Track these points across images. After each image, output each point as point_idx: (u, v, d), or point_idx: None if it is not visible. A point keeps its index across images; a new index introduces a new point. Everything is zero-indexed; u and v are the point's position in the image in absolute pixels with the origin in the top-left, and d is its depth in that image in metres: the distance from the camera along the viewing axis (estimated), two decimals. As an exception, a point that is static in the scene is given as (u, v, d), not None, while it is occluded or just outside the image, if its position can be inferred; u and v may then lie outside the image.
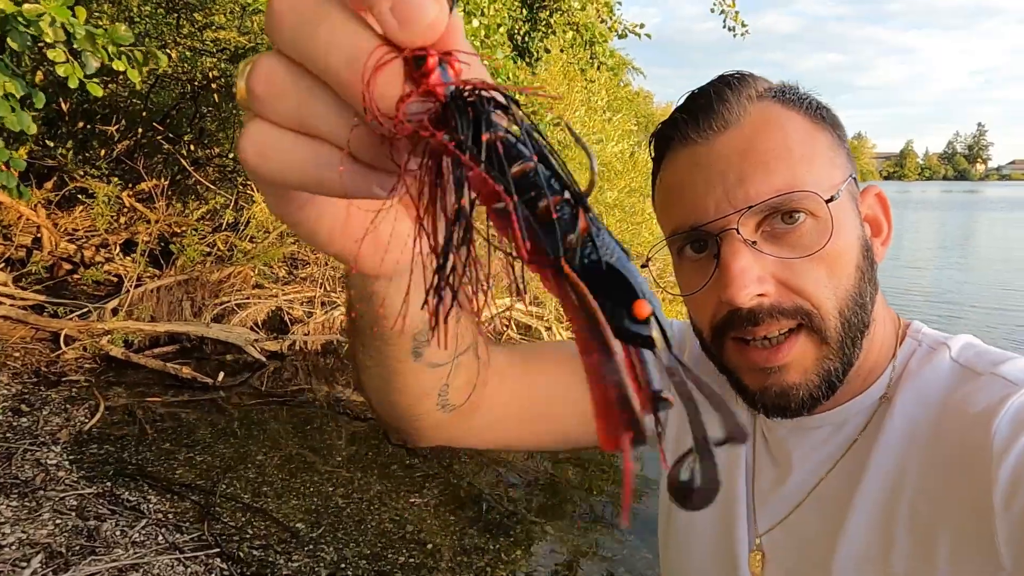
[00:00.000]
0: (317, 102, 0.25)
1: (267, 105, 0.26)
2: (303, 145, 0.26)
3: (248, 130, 0.26)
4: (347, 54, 0.24)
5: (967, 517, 0.56)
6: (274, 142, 0.26)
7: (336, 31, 0.24)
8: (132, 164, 7.04)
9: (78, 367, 5.20)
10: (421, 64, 0.23)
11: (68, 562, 2.59)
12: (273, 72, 0.25)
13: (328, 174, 0.26)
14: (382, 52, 0.23)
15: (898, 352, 0.69)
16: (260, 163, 0.26)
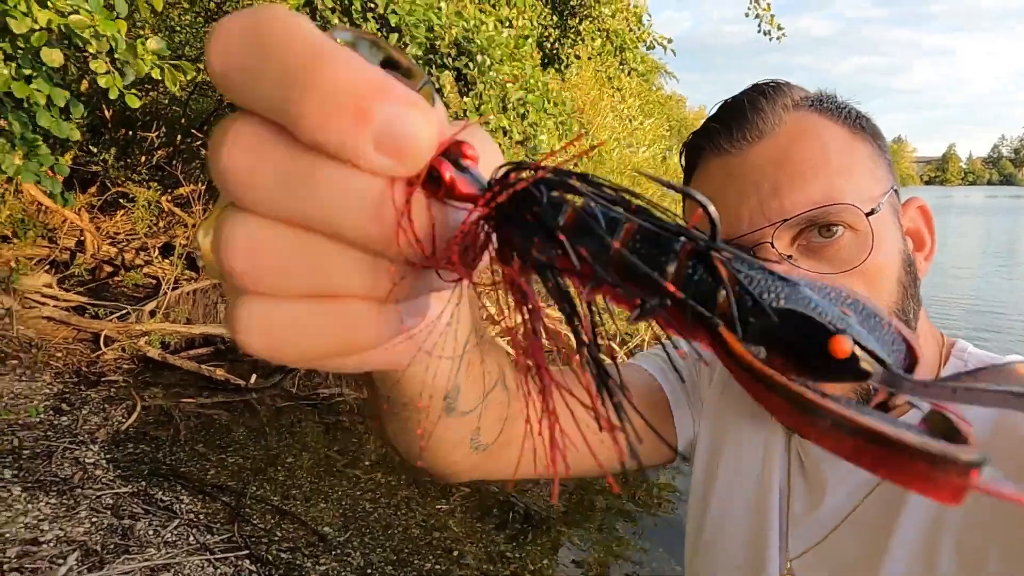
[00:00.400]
0: (335, 263, 0.21)
1: (262, 282, 0.21)
2: (323, 312, 0.22)
3: (242, 314, 0.21)
4: (360, 202, 0.20)
5: (1018, 538, 0.53)
6: (284, 321, 0.21)
7: (341, 183, 0.20)
8: (171, 170, 7.22)
9: (117, 367, 5.33)
10: (438, 181, 0.20)
11: (103, 560, 2.65)
12: (257, 242, 0.21)
13: (363, 331, 0.22)
14: (401, 189, 0.20)
15: (942, 372, 0.66)
16: (277, 350, 0.22)
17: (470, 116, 3.81)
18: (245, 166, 0.20)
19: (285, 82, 0.19)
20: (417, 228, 0.20)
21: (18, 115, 2.81)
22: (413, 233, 0.20)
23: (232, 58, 0.20)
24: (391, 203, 0.20)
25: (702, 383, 0.84)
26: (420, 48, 3.72)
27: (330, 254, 0.21)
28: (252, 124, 0.20)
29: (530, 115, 4.22)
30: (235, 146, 0.20)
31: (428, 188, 0.20)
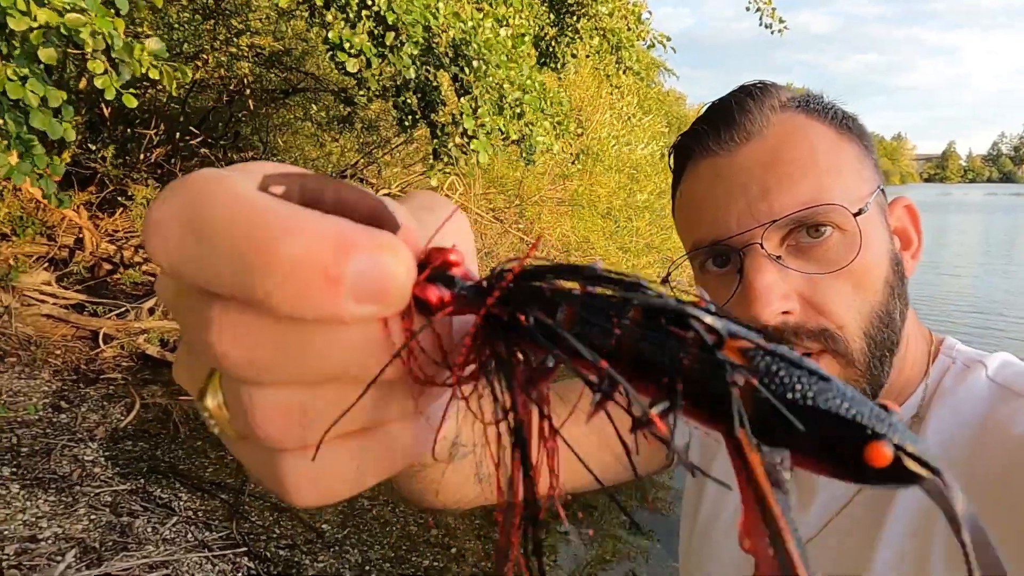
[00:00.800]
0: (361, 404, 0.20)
1: (300, 440, 0.20)
2: (363, 447, 0.22)
3: (289, 475, 0.21)
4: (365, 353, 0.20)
5: (1010, 540, 0.53)
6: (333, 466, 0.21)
7: (334, 344, 0.19)
8: (170, 167, 7.22)
9: (116, 365, 5.34)
10: (425, 306, 0.19)
11: (101, 557, 2.65)
12: (283, 406, 0.20)
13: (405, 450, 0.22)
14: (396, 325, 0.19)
15: (931, 370, 0.66)
16: (331, 496, 0.22)
17: (466, 117, 3.79)
18: (239, 352, 0.19)
19: (240, 268, 0.18)
20: (424, 353, 0.20)
21: (13, 115, 2.81)
22: (422, 358, 0.19)
23: (175, 252, 0.19)
24: (390, 340, 0.19)
25: None
26: (417, 48, 3.71)
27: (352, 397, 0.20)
28: (229, 309, 0.19)
29: (527, 115, 4.21)
30: (222, 335, 0.19)
31: (423, 311, 0.19)
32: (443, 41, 3.86)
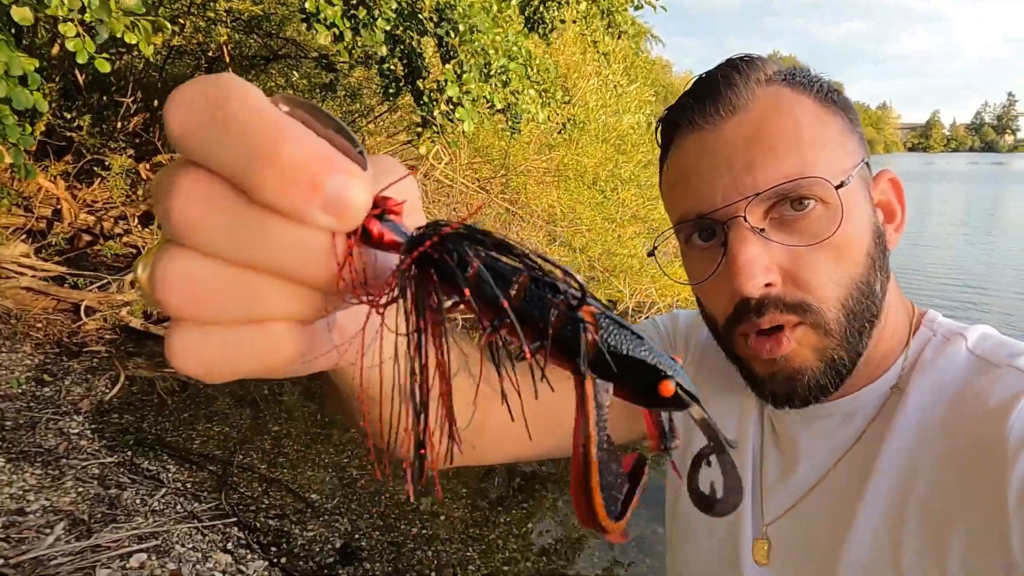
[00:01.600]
0: (268, 294, 0.23)
1: (197, 312, 0.23)
2: (251, 336, 0.24)
3: (178, 342, 0.24)
4: (306, 254, 0.23)
5: (982, 513, 0.55)
6: (218, 347, 0.24)
7: (288, 236, 0.23)
8: (148, 137, 7.07)
9: (99, 338, 5.29)
10: (368, 236, 0.24)
11: (90, 529, 2.66)
12: (199, 277, 0.23)
13: (284, 351, 0.25)
14: (342, 241, 0.23)
15: (911, 341, 0.67)
16: (209, 372, 0.24)
17: (451, 84, 3.74)
18: (196, 215, 0.22)
19: (246, 154, 0.22)
20: (353, 271, 0.24)
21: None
22: (351, 275, 0.23)
23: (192, 127, 0.22)
24: (333, 252, 0.23)
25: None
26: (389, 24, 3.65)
27: (264, 288, 0.23)
28: (205, 178, 0.22)
29: (512, 82, 4.16)
30: (188, 196, 0.22)
31: (362, 239, 0.24)
32: (427, 5, 3.78)
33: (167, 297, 0.23)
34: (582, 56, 7.06)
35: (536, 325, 0.23)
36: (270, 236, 0.23)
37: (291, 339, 0.25)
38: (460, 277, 0.23)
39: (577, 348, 0.23)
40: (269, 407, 4.47)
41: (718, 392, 0.80)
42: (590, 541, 3.24)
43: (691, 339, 0.86)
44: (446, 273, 0.23)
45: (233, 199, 0.22)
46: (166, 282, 0.23)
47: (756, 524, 0.73)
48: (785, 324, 0.61)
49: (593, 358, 0.23)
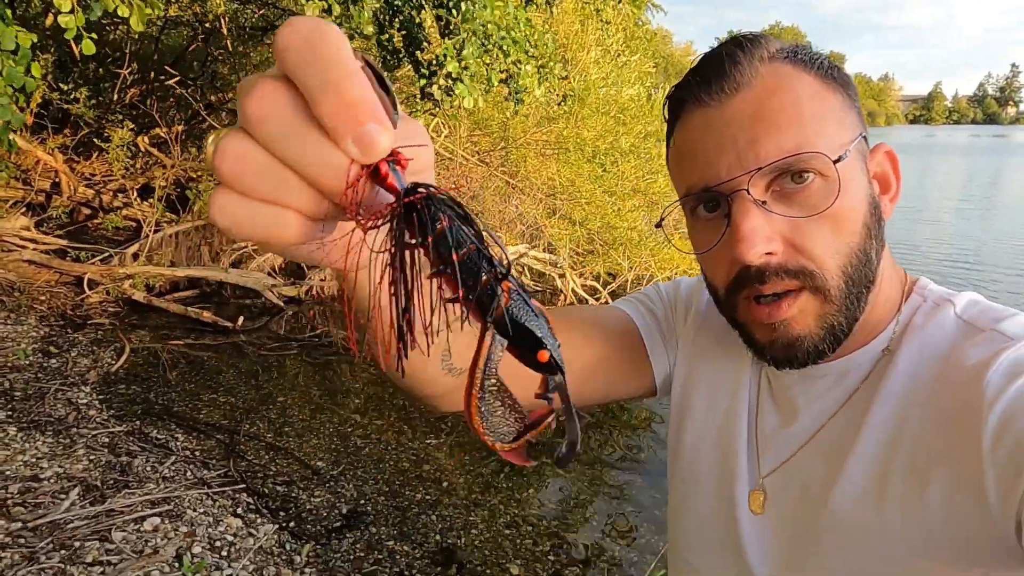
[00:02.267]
0: (292, 187, 0.31)
1: (240, 182, 0.31)
2: (271, 213, 0.32)
3: (219, 200, 0.32)
4: (329, 168, 0.30)
5: (959, 463, 0.59)
6: (246, 212, 0.32)
7: (321, 151, 0.30)
8: (146, 108, 7.02)
9: (102, 310, 5.34)
10: (377, 173, 0.31)
11: (104, 495, 2.73)
12: (247, 156, 0.31)
13: (289, 234, 0.32)
14: (356, 168, 0.31)
15: (903, 307, 0.71)
16: (231, 227, 0.32)
17: (450, 60, 3.72)
18: (263, 112, 0.30)
19: (323, 79, 0.30)
20: (356, 194, 0.31)
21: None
22: (353, 196, 0.31)
23: (294, 46, 0.30)
24: (346, 174, 0.30)
25: (677, 323, 0.90)
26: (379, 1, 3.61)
27: (290, 181, 0.31)
28: (282, 89, 0.31)
29: (511, 54, 4.14)
30: (264, 97, 0.30)
31: (371, 174, 0.31)
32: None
33: (221, 164, 0.30)
34: (582, 26, 6.99)
35: (467, 283, 0.31)
36: (309, 145, 0.30)
37: (297, 226, 0.32)
38: (429, 228, 0.30)
39: (489, 308, 0.31)
40: (272, 378, 4.53)
41: (718, 354, 0.84)
42: (589, 505, 3.32)
43: (691, 305, 0.89)
44: (421, 221, 0.30)
45: (294, 110, 0.30)
46: (224, 154, 0.31)
47: (753, 476, 0.77)
48: (789, 289, 0.64)
49: (498, 319, 0.31)
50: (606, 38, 7.42)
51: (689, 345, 0.87)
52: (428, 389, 0.64)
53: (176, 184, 6.83)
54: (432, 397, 0.66)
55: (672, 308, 0.91)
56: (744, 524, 0.77)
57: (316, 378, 4.65)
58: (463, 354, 0.61)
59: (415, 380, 0.62)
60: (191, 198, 6.45)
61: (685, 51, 38.62)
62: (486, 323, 0.32)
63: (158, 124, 6.94)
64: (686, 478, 0.86)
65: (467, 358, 0.62)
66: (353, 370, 4.81)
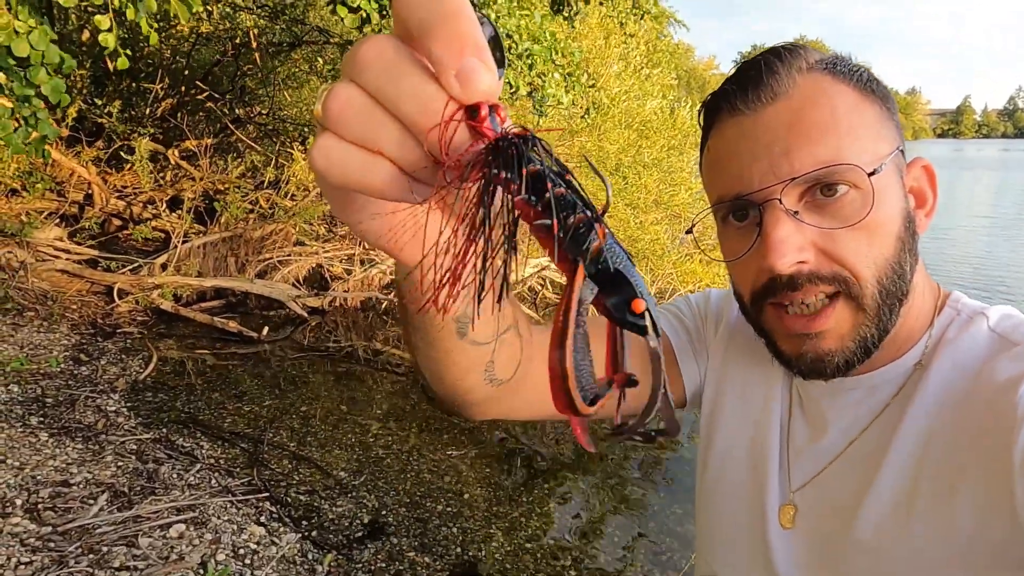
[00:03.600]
0: (387, 130, 0.31)
1: (341, 124, 0.31)
2: (365, 158, 0.32)
3: (320, 142, 0.32)
4: (424, 105, 0.30)
5: (989, 476, 0.58)
6: (341, 154, 0.32)
7: (417, 86, 0.30)
8: (176, 122, 7.19)
9: (131, 319, 5.43)
10: (475, 114, 0.29)
11: (131, 501, 2.77)
12: (351, 100, 0.31)
13: (380, 181, 0.32)
14: (452, 107, 0.29)
15: (936, 321, 0.70)
16: (327, 168, 0.32)
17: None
18: (369, 58, 0.31)
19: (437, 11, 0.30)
20: (449, 133, 0.29)
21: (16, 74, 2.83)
22: (446, 133, 0.29)
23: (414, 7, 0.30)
24: (441, 110, 0.29)
25: (708, 334, 0.89)
26: None
27: (386, 122, 0.31)
28: (389, 38, 0.31)
29: (537, 65, 4.17)
30: (372, 46, 0.31)
31: (469, 116, 0.29)
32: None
33: (328, 108, 0.31)
34: (606, 40, 7.02)
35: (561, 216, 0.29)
36: (409, 79, 0.30)
37: (387, 174, 0.32)
38: (524, 163, 0.28)
39: (583, 244, 0.29)
40: (296, 388, 4.57)
41: (748, 366, 0.84)
42: (611, 521, 3.29)
43: (722, 316, 0.89)
44: (516, 158, 0.28)
45: (398, 52, 0.31)
46: (331, 98, 0.31)
47: (783, 490, 0.77)
48: (824, 294, 0.64)
49: (592, 259, 0.29)
50: (629, 51, 7.44)
51: (719, 357, 0.87)
52: (467, 396, 0.63)
53: (204, 196, 6.97)
54: (469, 404, 0.65)
55: (702, 320, 0.91)
56: (774, 538, 0.76)
57: (338, 388, 4.68)
58: (505, 367, 0.61)
59: (454, 386, 0.62)
60: (219, 210, 6.57)
61: (708, 65, 38.56)
62: (578, 259, 0.29)
63: (188, 137, 7.09)
64: (715, 490, 0.85)
65: (510, 370, 0.63)
66: (376, 380, 4.84)
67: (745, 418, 0.83)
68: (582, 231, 0.29)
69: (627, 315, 0.29)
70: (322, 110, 0.32)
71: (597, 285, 0.29)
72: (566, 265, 0.29)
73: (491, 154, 0.29)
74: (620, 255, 0.29)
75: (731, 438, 0.84)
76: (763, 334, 0.72)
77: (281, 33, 7.25)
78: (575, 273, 0.29)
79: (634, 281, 0.29)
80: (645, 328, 0.29)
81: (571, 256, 0.29)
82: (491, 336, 0.57)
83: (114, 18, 3.18)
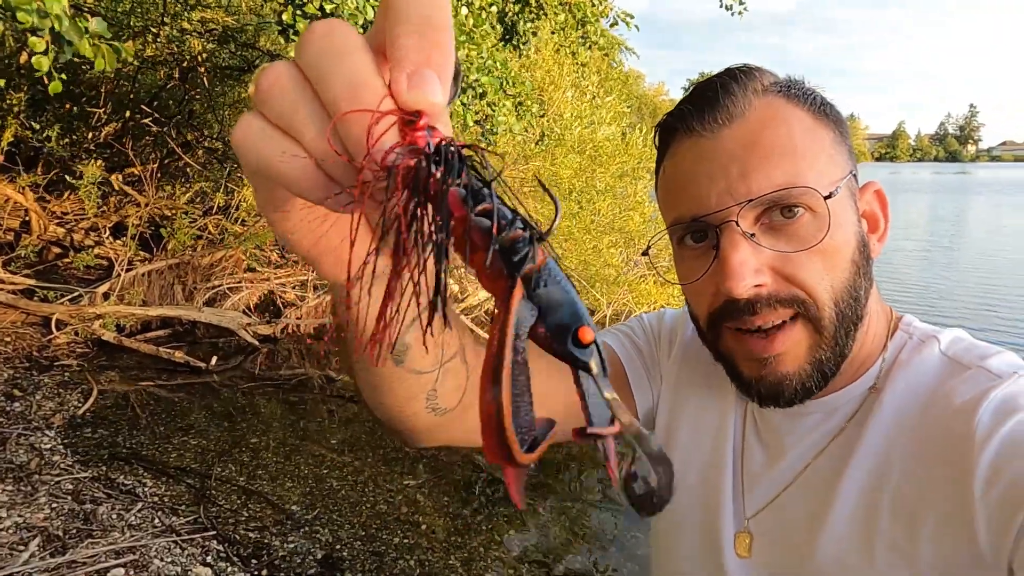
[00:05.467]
0: (308, 113, 0.29)
1: (265, 102, 0.30)
2: (283, 142, 0.30)
3: (244, 119, 0.31)
4: (353, 86, 0.28)
5: (949, 502, 0.58)
6: (259, 133, 0.30)
7: (355, 68, 0.28)
8: (120, 147, 6.97)
9: (70, 351, 5.19)
10: (412, 123, 0.27)
11: (65, 545, 2.62)
12: (281, 77, 0.30)
13: (293, 170, 0.30)
14: (388, 103, 0.27)
15: (889, 344, 0.70)
16: (241, 144, 0.31)
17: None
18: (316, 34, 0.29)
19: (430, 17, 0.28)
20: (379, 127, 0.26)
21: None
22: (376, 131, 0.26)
23: None
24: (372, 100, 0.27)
25: (661, 356, 0.88)
26: None
27: (310, 105, 0.29)
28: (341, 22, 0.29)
29: (488, 95, 4.20)
30: (321, 24, 0.29)
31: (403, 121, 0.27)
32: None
33: (259, 83, 0.30)
34: (558, 68, 7.14)
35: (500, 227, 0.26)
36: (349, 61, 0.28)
37: (302, 164, 0.29)
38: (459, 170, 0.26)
39: (522, 261, 0.25)
40: (246, 419, 4.42)
41: (702, 387, 0.83)
42: (572, 547, 3.26)
43: (676, 337, 0.88)
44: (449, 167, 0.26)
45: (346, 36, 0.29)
46: (263, 77, 0.30)
47: (738, 517, 0.75)
48: (782, 320, 0.63)
49: (531, 280, 0.26)
50: (581, 80, 7.58)
51: (673, 378, 0.86)
52: (408, 424, 0.60)
53: (150, 222, 6.75)
54: (411, 432, 0.62)
55: (656, 340, 0.90)
56: (730, 568, 0.74)
57: (291, 418, 4.54)
58: (449, 396, 0.58)
59: (395, 414, 0.59)
60: (165, 236, 6.37)
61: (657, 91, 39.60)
62: (515, 276, 0.25)
63: (132, 163, 6.88)
64: (670, 519, 0.83)
65: (455, 399, 0.60)
66: (330, 409, 4.72)
67: (699, 442, 0.81)
68: (521, 246, 0.26)
69: (570, 345, 0.26)
70: (254, 87, 0.30)
71: (539, 307, 0.26)
72: (500, 284, 0.26)
73: (428, 158, 0.26)
74: (563, 278, 0.26)
75: (685, 463, 0.82)
76: (721, 358, 0.71)
77: (230, 58, 7.13)
78: (511, 293, 0.25)
79: (579, 307, 0.26)
80: (587, 364, 0.26)
81: (507, 273, 0.25)
82: (433, 364, 0.54)
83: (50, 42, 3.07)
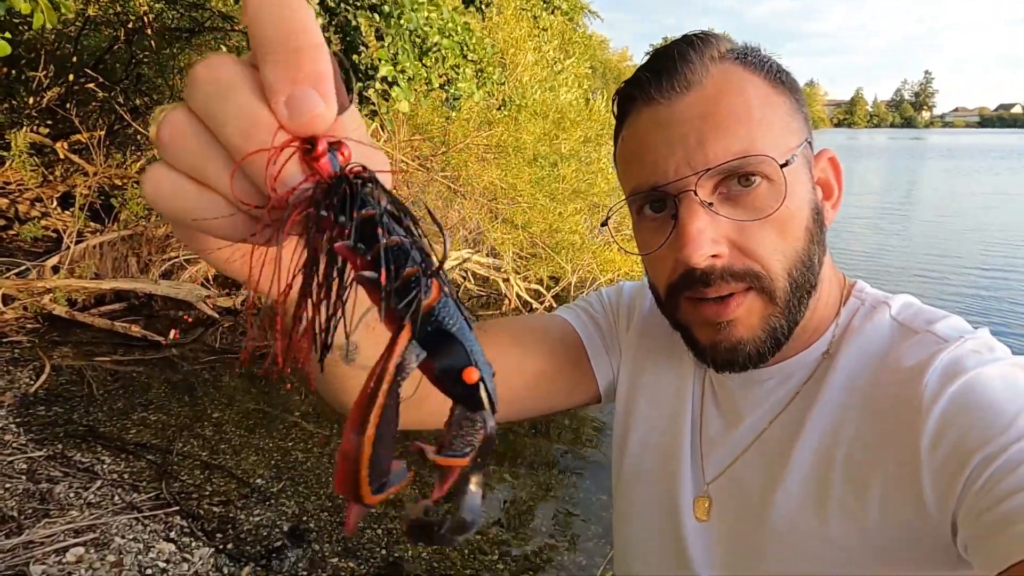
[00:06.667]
0: (211, 159, 0.28)
1: (169, 152, 0.29)
2: (193, 191, 0.29)
3: (150, 169, 0.30)
4: (244, 128, 0.27)
5: (898, 464, 0.59)
6: (169, 184, 0.29)
7: (244, 107, 0.27)
8: (65, 113, 6.66)
9: (20, 327, 5.02)
10: (312, 150, 0.26)
11: (21, 526, 2.56)
12: (179, 124, 0.29)
13: (211, 218, 0.29)
14: (283, 136, 0.26)
15: (842, 311, 0.72)
16: (155, 200, 0.30)
17: (384, 63, 3.66)
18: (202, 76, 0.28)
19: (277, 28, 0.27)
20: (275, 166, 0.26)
21: None
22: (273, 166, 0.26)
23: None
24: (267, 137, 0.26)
25: (620, 331, 0.89)
26: None
27: (211, 149, 0.28)
28: (231, 58, 0.29)
29: (449, 59, 4.11)
30: (205, 64, 0.28)
31: (302, 151, 0.27)
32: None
33: (159, 134, 0.29)
34: (520, 33, 7.03)
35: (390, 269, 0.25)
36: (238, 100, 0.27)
37: (219, 211, 0.29)
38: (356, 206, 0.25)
39: (412, 301, 0.25)
40: (208, 393, 4.35)
41: (661, 358, 0.84)
42: (538, 511, 3.32)
43: (634, 309, 0.89)
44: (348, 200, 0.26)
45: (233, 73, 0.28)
46: (162, 125, 0.29)
47: (697, 482, 0.77)
48: (735, 292, 0.64)
49: (424, 318, 0.25)
50: (544, 44, 7.48)
51: (632, 350, 0.86)
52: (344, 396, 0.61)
53: (100, 192, 6.50)
54: None
55: (615, 314, 0.90)
56: (689, 532, 0.76)
57: (254, 391, 4.49)
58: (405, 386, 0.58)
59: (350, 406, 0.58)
60: (116, 206, 6.15)
61: (621, 56, 39.37)
62: (402, 319, 0.25)
63: (78, 129, 6.59)
64: (631, 484, 0.85)
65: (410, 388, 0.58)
66: (293, 381, 4.67)
67: (658, 411, 0.82)
68: (412, 285, 0.25)
69: (457, 385, 0.26)
70: (156, 132, 0.29)
71: (428, 348, 0.26)
72: (393, 324, 0.26)
73: (319, 194, 0.26)
74: (455, 315, 0.26)
75: (645, 432, 0.83)
76: (679, 327, 0.71)
77: (179, 19, 6.82)
78: (397, 337, 0.25)
79: (468, 346, 0.26)
80: (478, 402, 0.26)
81: (396, 316, 0.25)
82: None
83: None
